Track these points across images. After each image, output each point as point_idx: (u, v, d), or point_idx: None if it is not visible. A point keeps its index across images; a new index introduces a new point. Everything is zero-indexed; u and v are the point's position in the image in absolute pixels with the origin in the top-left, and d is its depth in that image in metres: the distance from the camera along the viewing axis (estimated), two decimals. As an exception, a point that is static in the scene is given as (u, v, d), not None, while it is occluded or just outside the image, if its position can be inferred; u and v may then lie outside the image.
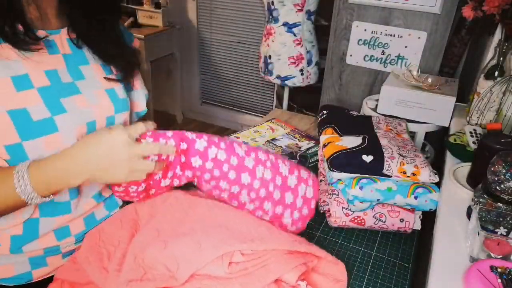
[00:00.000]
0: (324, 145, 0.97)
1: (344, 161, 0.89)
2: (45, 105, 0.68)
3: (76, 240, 0.81)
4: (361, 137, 0.97)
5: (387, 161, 0.87)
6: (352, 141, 0.95)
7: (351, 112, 1.16)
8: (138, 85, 0.91)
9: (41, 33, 0.70)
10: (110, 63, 0.81)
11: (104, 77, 0.79)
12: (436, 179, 0.86)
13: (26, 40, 0.67)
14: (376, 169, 0.87)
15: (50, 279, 0.77)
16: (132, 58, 0.86)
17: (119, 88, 0.82)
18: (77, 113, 0.73)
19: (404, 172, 0.86)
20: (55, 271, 0.79)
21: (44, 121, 0.68)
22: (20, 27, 0.67)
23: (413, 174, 0.86)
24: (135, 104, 0.91)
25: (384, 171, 0.86)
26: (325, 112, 1.14)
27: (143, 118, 0.92)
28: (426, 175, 0.86)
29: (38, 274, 0.79)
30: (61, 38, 0.75)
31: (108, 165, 0.66)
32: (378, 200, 0.87)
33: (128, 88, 0.88)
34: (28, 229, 0.74)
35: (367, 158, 0.88)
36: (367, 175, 0.88)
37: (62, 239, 0.78)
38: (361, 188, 0.86)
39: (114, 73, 0.82)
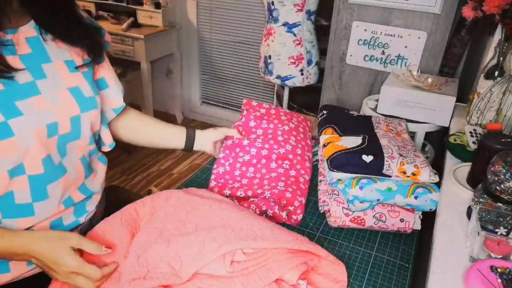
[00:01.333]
0: (324, 145, 0.97)
1: (344, 161, 0.89)
2: None
3: None
4: (361, 137, 0.97)
5: (387, 161, 0.87)
6: (352, 141, 0.95)
7: (351, 112, 1.16)
8: (112, 81, 0.90)
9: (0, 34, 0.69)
10: (77, 45, 0.79)
11: (76, 67, 0.78)
12: (436, 179, 0.86)
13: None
14: (376, 169, 0.87)
15: (13, 285, 0.76)
16: (97, 36, 0.84)
17: (85, 87, 0.79)
18: (35, 115, 0.70)
19: (404, 172, 0.86)
20: (20, 277, 0.77)
21: None
22: None
23: (413, 174, 0.86)
24: (111, 100, 0.90)
25: (384, 171, 0.86)
26: (325, 112, 1.14)
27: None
28: (426, 175, 0.86)
29: (0, 280, 0.76)
30: (19, 37, 0.72)
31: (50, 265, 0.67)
32: (378, 200, 0.87)
33: (102, 83, 0.88)
34: None
35: (367, 158, 0.88)
36: (367, 175, 0.88)
37: None
38: (361, 188, 0.86)
39: (78, 65, 0.80)
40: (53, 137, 0.74)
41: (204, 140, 1.05)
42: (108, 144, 0.92)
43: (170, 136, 1.04)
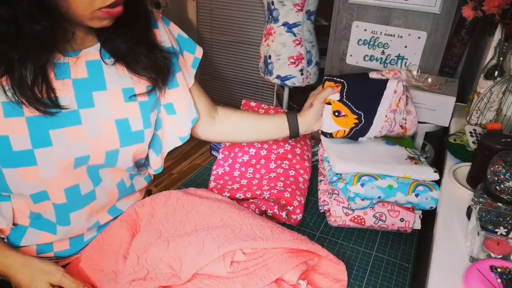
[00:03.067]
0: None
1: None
2: (29, 137, 0.65)
3: (55, 257, 0.78)
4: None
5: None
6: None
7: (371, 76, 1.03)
8: (182, 107, 0.85)
9: (55, 55, 0.67)
10: (140, 76, 0.76)
11: (132, 96, 0.74)
12: (437, 177, 0.86)
13: (46, 103, 0.64)
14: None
15: None
16: (164, 61, 0.78)
17: (135, 119, 0.75)
18: (65, 147, 0.68)
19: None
20: None
21: (23, 153, 0.65)
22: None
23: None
24: (177, 127, 0.87)
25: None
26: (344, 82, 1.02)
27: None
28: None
29: None
30: (78, 60, 0.70)
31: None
32: (379, 197, 0.87)
33: (169, 108, 0.83)
34: (14, 235, 0.73)
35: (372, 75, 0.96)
36: (368, 174, 0.88)
37: (41, 253, 0.76)
38: (362, 185, 0.86)
39: (137, 92, 0.76)
40: (81, 167, 0.72)
41: (309, 121, 0.95)
42: (154, 168, 0.88)
43: (272, 132, 0.97)
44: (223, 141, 1.02)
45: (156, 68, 0.77)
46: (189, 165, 2.72)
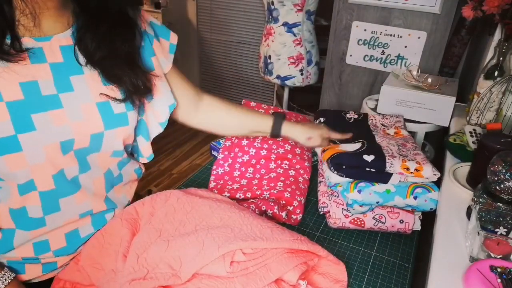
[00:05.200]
0: (323, 151, 0.96)
1: (345, 161, 0.89)
2: (12, 122, 0.63)
3: (54, 255, 0.76)
4: (360, 142, 0.97)
5: (388, 159, 0.87)
6: (351, 147, 0.95)
7: (348, 115, 1.14)
8: (159, 92, 0.83)
9: (26, 40, 0.65)
10: (113, 83, 0.74)
11: (100, 94, 0.72)
12: (439, 174, 0.86)
13: (10, 52, 0.62)
14: (378, 167, 0.86)
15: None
16: (143, 80, 0.77)
17: (116, 102, 0.75)
18: (49, 131, 0.67)
19: (408, 169, 0.86)
20: (35, 279, 0.76)
21: (7, 139, 0.63)
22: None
23: (416, 170, 0.86)
24: (156, 113, 0.85)
25: (387, 168, 0.86)
26: (322, 120, 1.13)
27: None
28: (429, 170, 0.86)
29: None
30: (51, 45, 0.68)
31: None
32: (377, 202, 0.87)
33: (146, 98, 0.82)
34: (4, 238, 0.72)
35: (368, 158, 0.88)
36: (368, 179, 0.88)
37: (40, 254, 0.74)
38: (359, 191, 0.86)
39: (110, 96, 0.75)
40: (69, 153, 0.71)
41: (294, 135, 0.99)
42: (146, 156, 0.88)
43: (254, 132, 1.01)
44: (204, 130, 1.02)
45: (134, 85, 0.76)
46: (189, 165, 2.72)
